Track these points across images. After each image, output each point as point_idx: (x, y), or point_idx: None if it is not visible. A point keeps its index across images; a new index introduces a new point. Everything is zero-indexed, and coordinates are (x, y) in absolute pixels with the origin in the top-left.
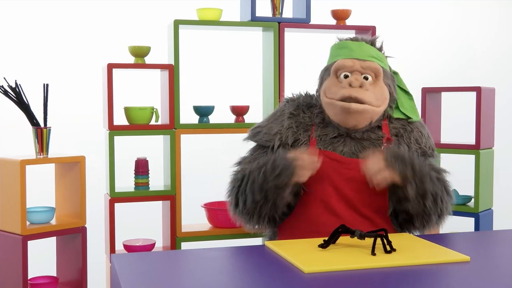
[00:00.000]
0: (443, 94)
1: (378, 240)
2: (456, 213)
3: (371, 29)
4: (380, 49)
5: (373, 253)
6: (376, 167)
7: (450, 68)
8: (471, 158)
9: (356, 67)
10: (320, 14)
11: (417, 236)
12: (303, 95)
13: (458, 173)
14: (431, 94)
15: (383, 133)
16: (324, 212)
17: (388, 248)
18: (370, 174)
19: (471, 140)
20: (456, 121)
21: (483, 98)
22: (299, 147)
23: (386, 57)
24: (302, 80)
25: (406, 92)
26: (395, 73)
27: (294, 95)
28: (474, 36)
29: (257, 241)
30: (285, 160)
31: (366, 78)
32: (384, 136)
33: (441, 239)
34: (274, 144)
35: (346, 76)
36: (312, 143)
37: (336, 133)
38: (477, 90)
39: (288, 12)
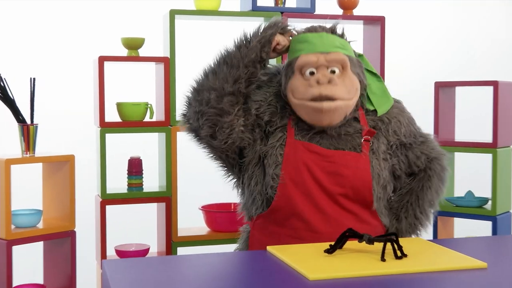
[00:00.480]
0: (457, 89)
1: (388, 245)
2: (472, 216)
3: (380, 20)
4: (342, 35)
5: (382, 259)
6: None
7: (465, 61)
8: (487, 157)
9: (321, 61)
10: (326, 3)
11: (430, 240)
12: None
13: (473, 173)
14: (445, 89)
15: (361, 125)
16: (307, 207)
17: (398, 253)
18: None
19: (488, 138)
20: (471, 118)
21: (500, 93)
22: (272, 131)
23: (349, 42)
24: None
25: (374, 74)
26: (360, 55)
27: None
28: (490, 27)
29: None
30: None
31: (333, 72)
32: (363, 128)
33: (455, 244)
34: (251, 108)
35: (312, 73)
36: (290, 133)
37: (312, 131)
38: (494, 84)
39: (291, 1)
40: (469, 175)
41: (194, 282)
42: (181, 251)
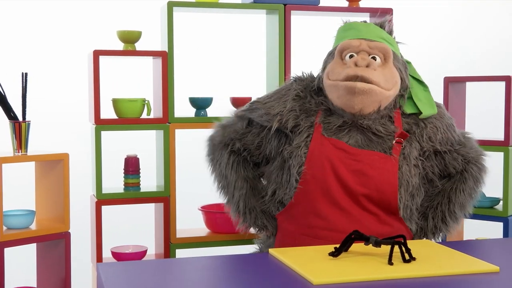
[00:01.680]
0: (468, 84)
1: (396, 248)
2: (482, 217)
3: (388, 12)
4: (391, 33)
5: (390, 263)
6: None
7: (475, 55)
8: (499, 155)
9: (363, 46)
10: None
11: (440, 243)
12: (313, 75)
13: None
14: (455, 84)
15: (395, 126)
16: (327, 204)
17: (407, 256)
18: None
19: (500, 136)
20: (482, 114)
21: None
22: (299, 133)
23: (398, 42)
24: (310, 69)
25: (421, 83)
26: (408, 62)
27: (304, 74)
28: (502, 20)
29: None
30: None
31: (374, 59)
32: (396, 130)
33: (466, 247)
34: (273, 126)
35: (351, 56)
36: (317, 129)
37: (341, 121)
38: (506, 79)
39: None
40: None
41: (193, 285)
42: (180, 253)
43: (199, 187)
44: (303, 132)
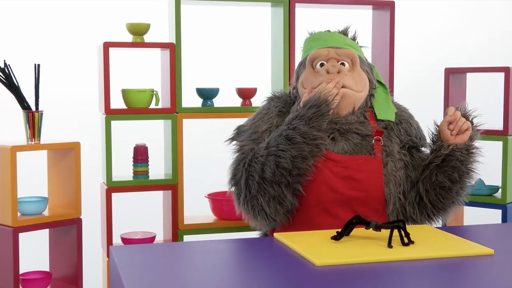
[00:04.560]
0: (468, 75)
1: (395, 232)
2: (482, 204)
3: (389, 5)
4: (354, 39)
5: (389, 246)
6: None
7: (476, 46)
8: (498, 144)
9: (332, 54)
10: None
11: (437, 227)
12: (287, 93)
13: (484, 161)
14: (455, 75)
15: (371, 126)
16: (320, 213)
17: (405, 240)
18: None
19: (499, 125)
20: (482, 105)
21: None
22: None
23: (361, 47)
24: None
25: (382, 84)
26: (373, 65)
27: (277, 93)
28: (502, 12)
29: None
30: (312, 101)
31: (343, 65)
32: (373, 128)
33: (463, 231)
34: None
35: (322, 65)
36: None
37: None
38: (506, 70)
39: None
40: (479, 163)
41: (201, 267)
42: (187, 239)
43: (206, 175)
44: None
